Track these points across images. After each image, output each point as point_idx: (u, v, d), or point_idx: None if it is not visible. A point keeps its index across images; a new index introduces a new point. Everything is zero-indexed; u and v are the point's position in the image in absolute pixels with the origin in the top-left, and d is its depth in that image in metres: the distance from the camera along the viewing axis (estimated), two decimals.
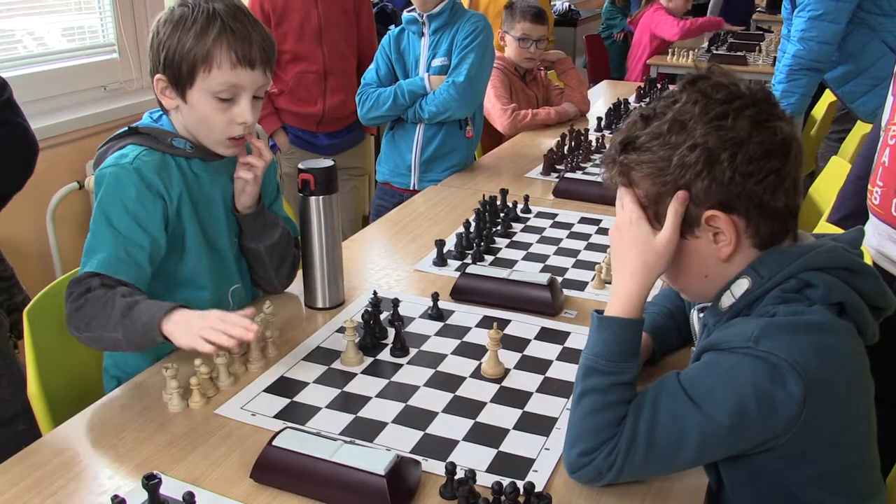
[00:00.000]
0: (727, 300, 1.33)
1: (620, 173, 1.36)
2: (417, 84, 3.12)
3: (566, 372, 1.69)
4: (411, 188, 3.23)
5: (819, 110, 4.19)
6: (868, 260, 2.06)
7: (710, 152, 1.25)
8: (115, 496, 1.21)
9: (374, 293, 1.85)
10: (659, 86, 4.70)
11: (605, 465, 1.29)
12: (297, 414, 1.54)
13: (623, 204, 1.37)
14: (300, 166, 1.89)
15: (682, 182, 1.27)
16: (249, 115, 1.74)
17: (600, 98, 4.64)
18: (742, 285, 1.30)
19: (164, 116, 1.82)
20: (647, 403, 1.28)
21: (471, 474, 1.28)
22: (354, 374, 1.67)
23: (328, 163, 1.91)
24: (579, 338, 1.83)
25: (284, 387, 1.63)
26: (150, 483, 1.24)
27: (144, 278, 1.69)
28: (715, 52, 6.21)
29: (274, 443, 1.35)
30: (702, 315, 1.44)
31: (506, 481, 1.26)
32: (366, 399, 1.59)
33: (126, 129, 1.79)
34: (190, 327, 1.55)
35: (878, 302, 1.30)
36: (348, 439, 1.40)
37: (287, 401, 1.58)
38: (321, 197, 1.89)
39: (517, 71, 3.95)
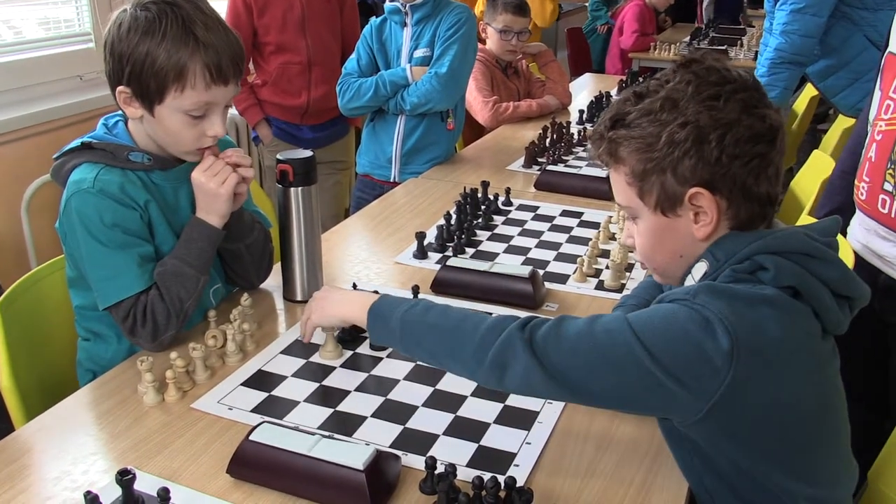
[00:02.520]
0: (689, 282, 1.34)
1: (608, 152, 1.35)
2: (399, 75, 3.09)
3: None
4: (392, 180, 3.21)
5: (801, 104, 4.19)
6: (847, 251, 2.06)
7: (700, 130, 1.25)
8: (88, 492, 1.19)
9: (354, 286, 1.83)
10: (641, 79, 4.69)
11: (517, 337, 1.29)
12: (275, 408, 1.52)
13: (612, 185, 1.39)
14: (278, 157, 1.87)
15: (670, 160, 1.27)
16: (221, 129, 1.71)
17: (582, 91, 4.65)
18: (701, 268, 1.32)
19: (119, 123, 1.76)
20: (586, 318, 1.29)
21: (451, 469, 1.27)
22: (333, 368, 1.65)
23: (307, 153, 1.89)
24: None
25: (262, 380, 1.61)
26: (124, 479, 1.22)
27: None
28: (697, 46, 6.22)
29: (251, 437, 1.33)
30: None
31: (487, 476, 1.24)
32: (345, 393, 1.57)
33: (79, 143, 1.72)
34: (208, 191, 1.71)
35: (843, 290, 1.29)
36: (327, 434, 1.39)
37: (265, 395, 1.56)
38: (300, 188, 1.87)
39: (499, 63, 3.94)
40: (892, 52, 2.06)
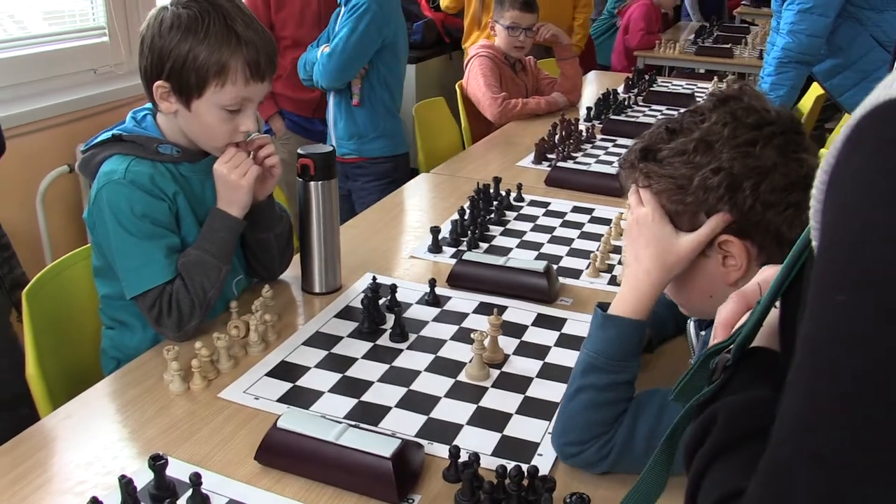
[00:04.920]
0: None
1: (639, 182, 1.35)
2: (313, 55, 3.32)
3: (565, 358, 1.70)
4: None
5: (806, 103, 4.21)
6: None
7: (734, 178, 1.24)
8: (123, 476, 1.22)
9: (374, 278, 1.85)
10: (647, 77, 4.72)
11: (596, 457, 1.30)
12: (300, 398, 1.54)
13: (642, 199, 1.36)
14: (299, 151, 1.90)
15: (704, 205, 1.27)
16: (253, 124, 1.76)
17: (588, 88, 4.66)
18: None
19: (148, 117, 1.80)
20: (650, 408, 1.29)
21: (475, 458, 1.29)
22: (355, 360, 1.67)
23: (327, 148, 1.92)
24: (576, 325, 1.84)
25: (286, 371, 1.63)
26: (157, 464, 1.25)
27: None
28: (702, 44, 6.24)
29: (278, 425, 1.35)
30: (702, 332, 1.44)
31: (510, 465, 1.27)
32: (368, 384, 1.59)
33: (110, 135, 1.75)
34: (228, 183, 1.74)
35: None
36: (353, 423, 1.41)
37: (289, 385, 1.58)
38: (320, 182, 1.89)
39: (507, 60, 3.95)
40: None
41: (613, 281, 2.09)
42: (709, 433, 0.75)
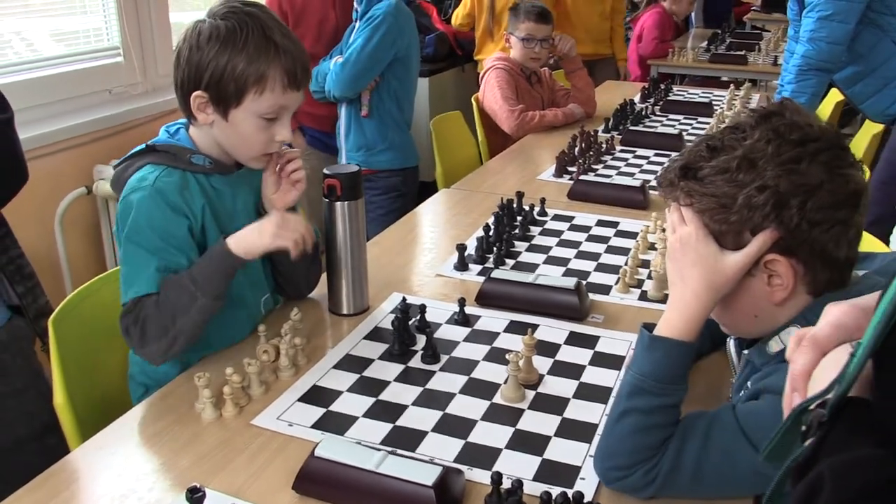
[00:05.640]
0: (776, 345, 1.31)
1: (681, 201, 1.33)
2: (327, 66, 3.32)
3: (600, 377, 1.68)
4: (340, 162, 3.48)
5: (825, 109, 4.19)
6: None
7: (780, 196, 1.21)
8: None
9: (404, 299, 1.83)
10: (662, 86, 4.70)
11: (641, 482, 1.28)
12: (334, 423, 1.52)
13: (685, 218, 1.33)
14: (325, 171, 1.88)
15: (749, 224, 1.25)
16: (289, 134, 1.75)
17: (604, 98, 4.62)
18: (792, 333, 1.28)
19: (181, 130, 1.80)
20: (696, 432, 1.27)
21: (518, 484, 1.27)
22: (388, 383, 1.65)
23: (353, 168, 1.90)
24: (609, 343, 1.82)
25: (319, 396, 1.61)
26: (195, 496, 1.23)
27: None
28: (715, 51, 6.22)
29: (316, 453, 1.33)
30: (745, 352, 1.42)
31: (555, 491, 1.24)
32: (402, 408, 1.57)
33: (144, 146, 1.76)
34: (261, 232, 1.69)
35: None
36: (391, 449, 1.39)
37: (323, 410, 1.56)
38: (347, 202, 1.88)
39: (523, 72, 3.94)
40: None
41: (644, 296, 2.06)
42: (816, 497, 0.72)
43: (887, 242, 2.18)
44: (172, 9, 3.71)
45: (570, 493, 1.24)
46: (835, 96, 4.18)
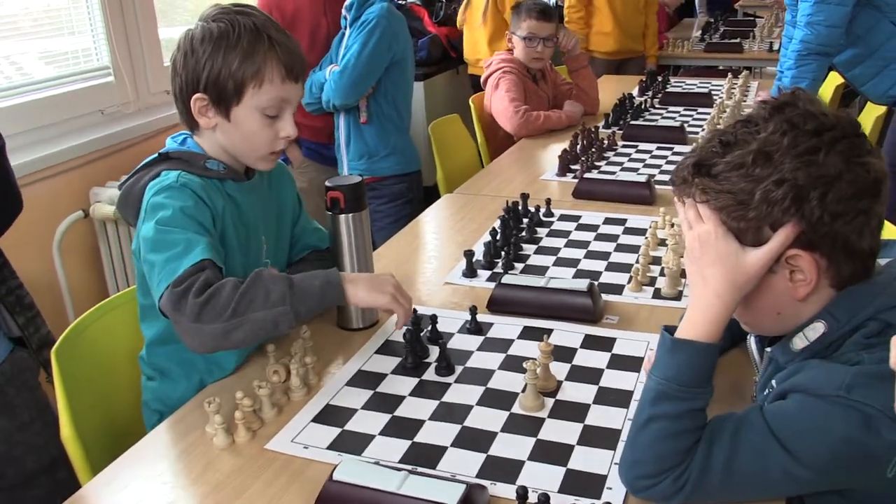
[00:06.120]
0: (800, 342, 1.28)
1: (696, 197, 1.29)
2: (322, 76, 3.26)
3: (619, 381, 1.65)
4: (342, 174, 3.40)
5: (826, 92, 4.15)
6: None
7: (800, 189, 1.18)
8: None
9: (415, 311, 1.79)
10: (660, 78, 4.66)
11: (671, 490, 1.24)
12: (350, 444, 1.48)
13: (702, 215, 1.29)
14: (327, 184, 1.85)
15: (768, 219, 1.21)
16: (293, 129, 1.74)
17: (602, 94, 4.57)
18: (817, 329, 1.25)
19: (188, 139, 1.77)
20: (725, 434, 1.23)
21: (544, 499, 1.23)
22: (403, 398, 1.61)
23: (356, 179, 1.87)
24: (626, 344, 1.78)
25: (333, 415, 1.57)
26: None
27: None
28: (710, 40, 6.18)
29: (335, 477, 1.30)
30: (768, 349, 1.38)
31: (582, 503, 1.21)
32: (419, 423, 1.53)
33: (156, 155, 1.74)
34: (380, 286, 1.67)
35: None
36: (411, 467, 1.35)
37: (338, 430, 1.52)
38: (351, 215, 1.84)
39: (529, 72, 3.88)
40: None
41: (658, 294, 2.03)
42: None
43: (893, 220, 2.14)
44: (162, 24, 3.68)
45: None
46: (834, 80, 4.14)
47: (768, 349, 1.38)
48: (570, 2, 5.49)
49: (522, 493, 1.26)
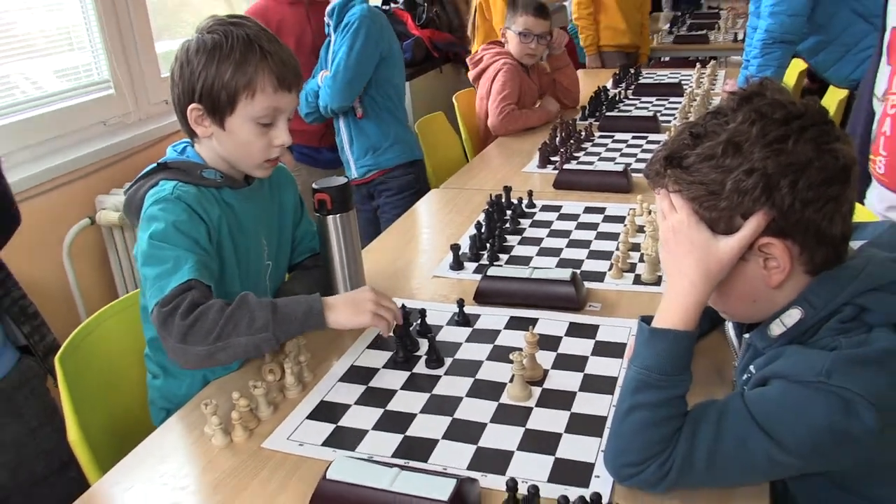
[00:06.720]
0: (777, 328, 1.22)
1: (671, 184, 1.23)
2: (315, 83, 3.14)
3: (604, 367, 1.59)
4: (352, 178, 3.28)
5: (790, 78, 4.08)
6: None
7: (770, 178, 1.12)
8: None
9: (403, 306, 1.72)
10: (633, 71, 4.59)
11: (655, 477, 1.18)
12: (344, 439, 1.42)
13: (675, 205, 1.23)
14: (314, 186, 1.79)
15: (740, 209, 1.15)
16: (287, 137, 1.68)
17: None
18: (794, 315, 1.20)
19: (188, 148, 1.72)
20: (707, 422, 1.17)
21: (534, 490, 1.17)
22: (395, 392, 1.55)
23: (342, 180, 1.80)
24: (609, 330, 1.72)
25: (327, 412, 1.51)
26: None
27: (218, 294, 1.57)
28: (678, 33, 6.11)
29: (328, 476, 1.23)
30: (746, 336, 1.32)
31: (572, 494, 1.15)
32: (411, 416, 1.47)
33: (155, 164, 1.68)
34: (359, 306, 1.57)
35: None
36: (403, 462, 1.29)
37: (332, 426, 1.46)
38: (338, 215, 1.78)
39: (523, 67, 3.75)
40: None
41: (638, 280, 1.97)
42: None
43: (861, 202, 2.08)
44: (164, 37, 3.60)
45: (587, 495, 1.15)
46: (797, 66, 4.08)
47: (746, 335, 1.33)
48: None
49: (512, 486, 1.20)
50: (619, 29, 5.31)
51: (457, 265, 2.11)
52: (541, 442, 1.37)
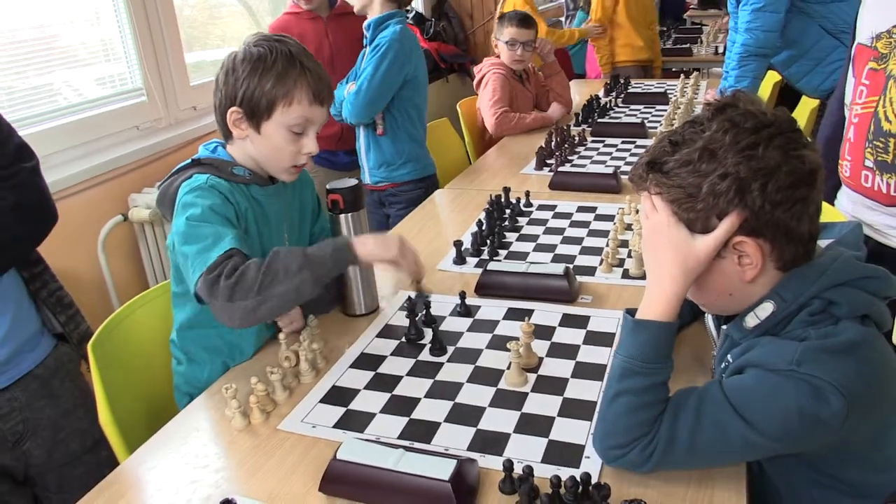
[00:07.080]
0: (752, 320, 1.20)
1: (652, 187, 1.21)
2: (342, 93, 3.06)
3: (594, 355, 1.56)
4: (367, 184, 3.22)
5: (765, 90, 4.04)
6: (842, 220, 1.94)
7: (742, 182, 1.11)
8: None
9: (409, 298, 1.70)
10: (622, 81, 4.56)
11: (640, 458, 1.16)
12: (354, 422, 1.39)
13: (655, 205, 1.22)
14: (328, 187, 1.77)
15: (715, 210, 1.14)
16: (315, 147, 1.67)
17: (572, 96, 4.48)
18: (766, 308, 1.18)
19: (218, 148, 1.70)
20: (688, 408, 1.15)
21: (529, 470, 1.15)
22: (401, 378, 1.53)
23: (353, 182, 1.78)
24: (599, 321, 1.70)
25: (338, 396, 1.49)
26: None
27: None
28: (664, 45, 6.06)
29: (338, 456, 1.21)
30: (724, 327, 1.30)
31: (563, 473, 1.13)
32: (416, 401, 1.44)
33: (189, 160, 1.67)
34: (387, 242, 1.58)
35: (891, 294, 1.18)
36: (407, 443, 1.27)
37: (343, 409, 1.44)
38: (350, 214, 1.76)
39: (515, 73, 3.74)
40: (861, 43, 1.95)
41: (626, 274, 1.94)
42: None
43: (831, 202, 2.06)
44: (195, 48, 3.57)
45: (577, 475, 1.13)
46: (772, 77, 4.04)
47: (724, 326, 1.31)
48: (594, 20, 5.30)
49: (509, 466, 1.18)
50: (637, 45, 5.26)
51: (459, 260, 2.09)
52: (535, 425, 1.34)
